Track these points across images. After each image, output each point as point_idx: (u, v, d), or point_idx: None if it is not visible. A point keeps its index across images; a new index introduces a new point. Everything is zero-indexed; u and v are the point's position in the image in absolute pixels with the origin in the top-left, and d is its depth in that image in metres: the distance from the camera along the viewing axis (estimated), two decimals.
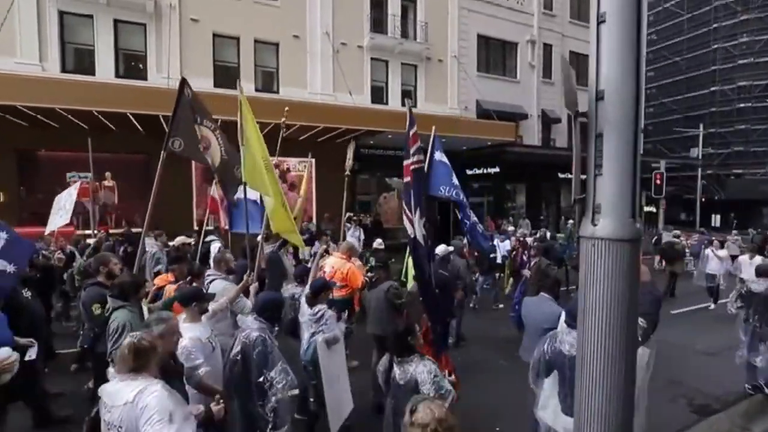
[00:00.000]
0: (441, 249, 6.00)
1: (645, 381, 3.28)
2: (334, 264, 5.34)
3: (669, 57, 37.23)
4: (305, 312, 3.89)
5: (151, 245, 8.56)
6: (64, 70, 11.69)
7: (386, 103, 15.67)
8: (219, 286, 4.15)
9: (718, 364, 5.76)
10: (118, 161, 12.34)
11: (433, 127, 5.66)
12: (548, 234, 12.29)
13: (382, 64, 15.79)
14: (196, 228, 10.98)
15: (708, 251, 9.86)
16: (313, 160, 14.60)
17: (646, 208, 25.95)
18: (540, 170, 18.09)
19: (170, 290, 4.16)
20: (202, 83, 12.67)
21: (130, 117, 10.33)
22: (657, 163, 19.05)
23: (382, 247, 8.71)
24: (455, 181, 5.57)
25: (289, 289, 4.83)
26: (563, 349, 2.75)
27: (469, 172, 16.86)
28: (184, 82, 4.47)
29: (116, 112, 10.04)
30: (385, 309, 4.54)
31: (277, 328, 3.22)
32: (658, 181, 18.22)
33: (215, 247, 7.90)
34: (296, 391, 3.46)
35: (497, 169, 15.57)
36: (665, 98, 37.49)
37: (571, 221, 16.26)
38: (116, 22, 12.18)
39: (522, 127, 18.52)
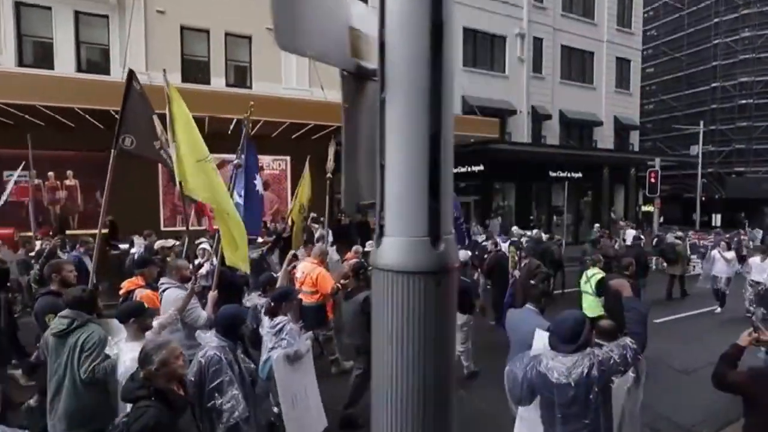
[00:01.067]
0: (462, 255, 5.69)
1: (628, 409, 2.95)
2: (304, 269, 5.15)
3: (669, 53, 36.40)
4: (265, 324, 3.67)
5: (139, 245, 8.07)
6: (21, 64, 11.16)
7: None
8: (171, 296, 3.80)
9: (693, 383, 5.09)
10: (79, 159, 11.81)
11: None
12: (544, 235, 11.69)
13: None
14: (182, 228, 10.31)
15: (714, 252, 9.48)
16: (288, 158, 14.13)
17: (644, 208, 25.20)
18: (530, 169, 17.44)
19: (139, 295, 3.91)
20: (170, 78, 12.11)
21: (80, 112, 9.73)
22: (652, 161, 18.36)
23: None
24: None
25: (252, 299, 4.49)
26: (550, 376, 2.42)
27: (453, 170, 16.20)
28: (131, 74, 4.21)
29: (74, 108, 9.46)
30: (361, 323, 4.17)
31: (240, 347, 3.01)
32: (653, 180, 17.53)
33: (202, 249, 7.43)
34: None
35: (482, 167, 14.90)
36: (665, 95, 36.67)
37: (597, 225, 15.64)
38: (77, 13, 11.64)
39: (510, 124, 17.86)
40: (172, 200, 12.57)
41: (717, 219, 26.39)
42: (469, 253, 6.24)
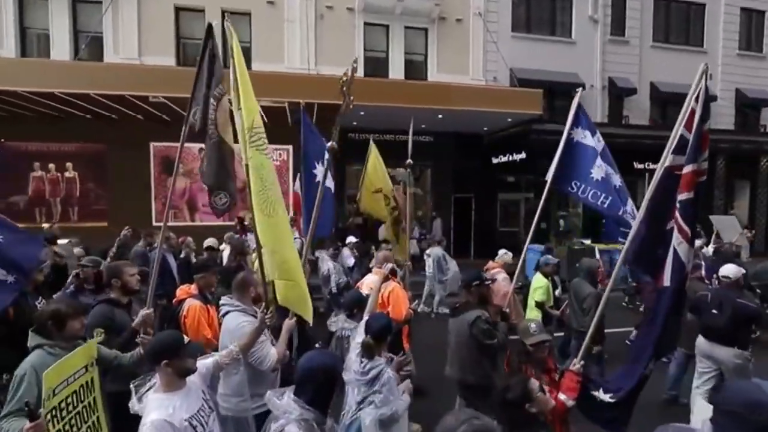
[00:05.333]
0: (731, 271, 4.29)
1: None
2: (371, 284, 4.01)
3: None
4: (351, 365, 2.74)
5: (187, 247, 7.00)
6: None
7: (387, 78, 12.81)
8: (232, 323, 2.94)
9: None
10: (77, 151, 11.54)
11: (579, 91, 4.06)
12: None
13: (381, 30, 12.94)
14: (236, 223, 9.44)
15: None
16: (290, 147, 12.51)
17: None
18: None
19: (188, 307, 3.49)
20: (164, 62, 11.32)
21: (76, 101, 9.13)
22: None
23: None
24: (596, 175, 3.71)
25: (338, 321, 3.54)
26: None
27: (495, 160, 13.14)
28: (210, 28, 3.27)
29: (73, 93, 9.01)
30: (469, 348, 3.49)
31: (330, 419, 2.06)
32: None
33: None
34: None
35: (523, 155, 11.65)
36: None
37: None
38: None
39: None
40: (164, 193, 11.75)
41: None
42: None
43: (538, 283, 5.35)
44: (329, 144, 3.52)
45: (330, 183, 4.37)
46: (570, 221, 14.58)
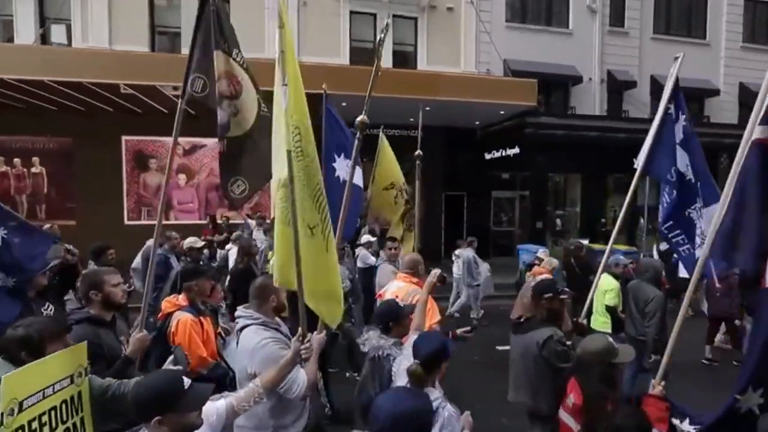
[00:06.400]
0: None
1: None
2: (397, 291, 3.49)
3: None
4: None
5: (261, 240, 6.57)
6: None
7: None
8: (251, 341, 2.33)
9: None
10: (44, 146, 10.89)
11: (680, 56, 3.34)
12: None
13: (368, 19, 12.30)
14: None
15: None
16: None
17: None
18: (602, 153, 12.89)
19: (177, 320, 2.92)
20: (137, 48, 10.67)
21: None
22: None
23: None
24: (681, 163, 3.16)
25: (370, 339, 2.82)
26: None
27: (488, 156, 12.49)
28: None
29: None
30: (542, 372, 2.90)
31: None
32: None
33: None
34: None
35: (517, 150, 10.99)
36: None
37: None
38: None
39: (574, 95, 13.51)
40: (137, 190, 11.10)
41: None
42: None
43: (608, 285, 4.79)
44: (360, 118, 3.01)
45: (359, 179, 3.82)
46: (567, 220, 13.95)
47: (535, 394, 2.99)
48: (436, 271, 3.11)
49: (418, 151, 5.21)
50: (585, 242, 10.91)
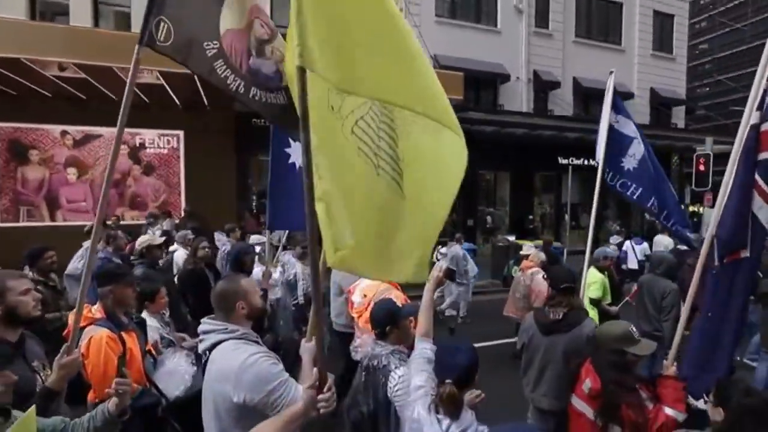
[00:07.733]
0: None
1: None
2: (366, 290, 3.25)
3: (729, 24, 30.36)
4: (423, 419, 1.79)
5: (223, 242, 6.01)
6: None
7: None
8: (238, 357, 1.76)
9: None
10: None
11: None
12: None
13: (284, 12, 11.48)
14: None
15: None
16: (181, 133, 10.69)
17: (691, 208, 19.87)
18: (529, 151, 13.11)
19: (88, 337, 2.28)
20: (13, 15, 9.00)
21: None
22: (702, 143, 13.45)
23: None
24: (628, 164, 3.94)
25: (364, 346, 2.47)
26: None
27: None
28: None
29: None
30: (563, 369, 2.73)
31: None
32: (702, 168, 12.65)
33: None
34: None
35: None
36: (722, 75, 30.63)
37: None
38: None
39: (503, 93, 13.64)
40: (12, 186, 9.42)
41: None
42: None
43: (593, 278, 4.76)
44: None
45: (298, 159, 3.57)
46: (497, 217, 14.08)
47: (560, 393, 2.81)
48: (441, 264, 2.48)
49: None
50: (512, 238, 10.98)
